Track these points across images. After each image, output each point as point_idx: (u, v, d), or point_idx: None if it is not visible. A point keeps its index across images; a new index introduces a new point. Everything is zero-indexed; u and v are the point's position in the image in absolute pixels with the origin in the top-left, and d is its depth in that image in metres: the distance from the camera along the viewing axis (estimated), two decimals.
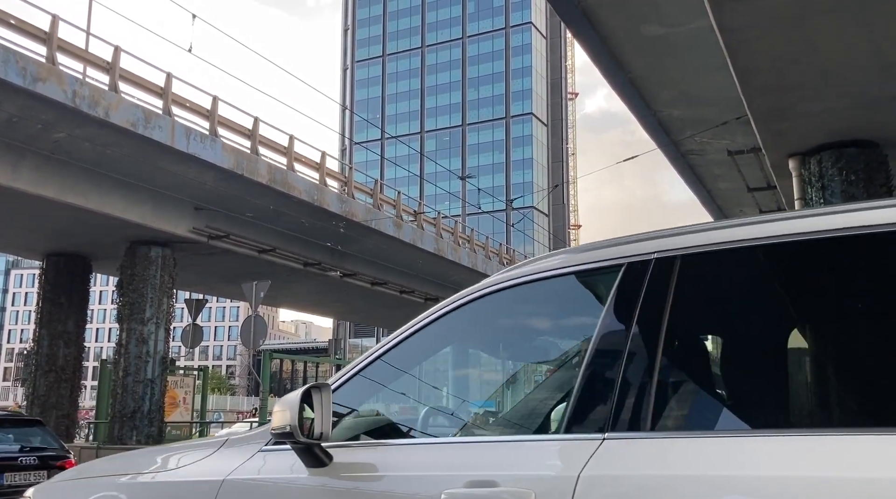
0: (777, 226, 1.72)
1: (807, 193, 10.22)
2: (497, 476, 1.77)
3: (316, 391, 2.08)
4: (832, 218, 1.67)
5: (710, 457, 1.55)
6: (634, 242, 1.93)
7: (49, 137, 15.63)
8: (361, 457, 2.15)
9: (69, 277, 21.86)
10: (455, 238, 29.67)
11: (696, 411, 1.78)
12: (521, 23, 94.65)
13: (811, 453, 1.45)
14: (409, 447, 2.20)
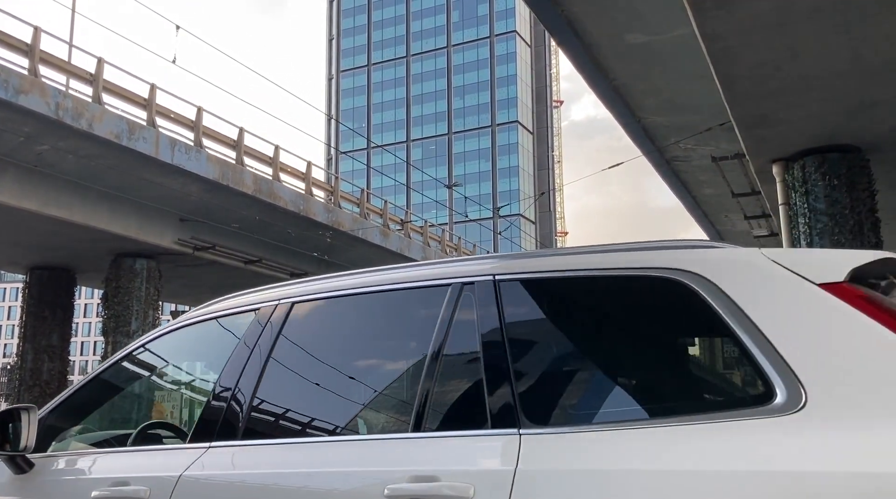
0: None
1: (791, 198, 10.30)
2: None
3: (24, 412, 2.67)
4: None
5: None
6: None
7: (32, 150, 15.51)
8: (61, 464, 2.80)
9: (53, 291, 21.66)
10: (442, 246, 29.66)
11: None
12: (506, 31, 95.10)
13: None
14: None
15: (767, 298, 1.82)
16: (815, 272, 1.81)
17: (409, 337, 2.37)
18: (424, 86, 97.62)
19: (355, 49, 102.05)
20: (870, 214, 9.84)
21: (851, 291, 1.75)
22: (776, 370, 1.71)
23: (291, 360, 2.50)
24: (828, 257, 1.91)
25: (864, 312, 1.72)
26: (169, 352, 3.06)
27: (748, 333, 1.77)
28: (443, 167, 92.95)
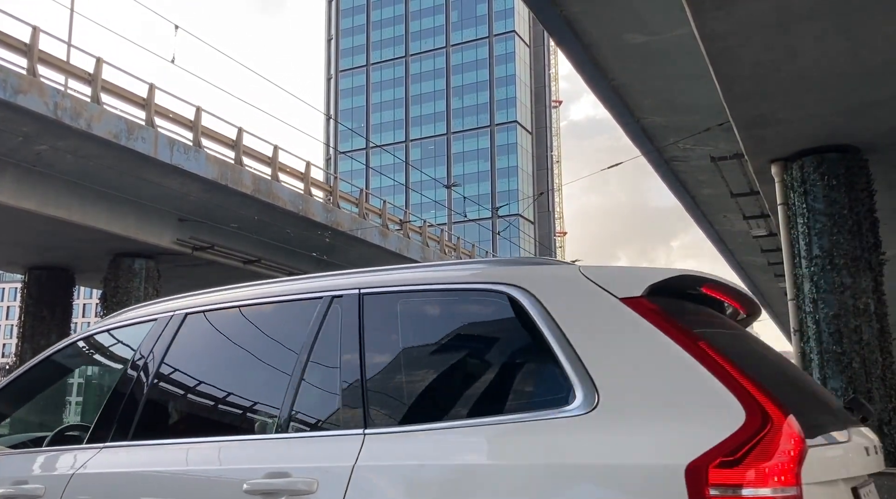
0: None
1: (789, 198, 10.31)
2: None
3: None
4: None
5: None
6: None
7: (31, 150, 15.50)
8: None
9: (52, 291, 21.65)
10: (441, 247, 29.67)
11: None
12: (505, 31, 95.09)
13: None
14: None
15: (576, 311, 2.06)
16: (618, 287, 2.05)
17: (281, 346, 2.55)
18: (423, 86, 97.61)
19: (354, 49, 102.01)
20: (868, 214, 9.85)
21: (646, 305, 1.99)
22: (577, 375, 1.93)
23: (179, 367, 2.73)
24: (631, 274, 2.13)
25: (654, 324, 1.95)
26: (81, 359, 3.35)
27: (557, 341, 2.00)
28: (442, 167, 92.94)
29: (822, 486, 1.82)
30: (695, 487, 1.68)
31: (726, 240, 19.00)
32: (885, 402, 9.35)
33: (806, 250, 9.94)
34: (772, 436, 1.71)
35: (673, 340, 1.91)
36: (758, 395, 1.78)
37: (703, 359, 1.86)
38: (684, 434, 1.76)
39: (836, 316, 9.58)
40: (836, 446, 1.99)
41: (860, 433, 2.25)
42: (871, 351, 9.45)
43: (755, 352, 2.25)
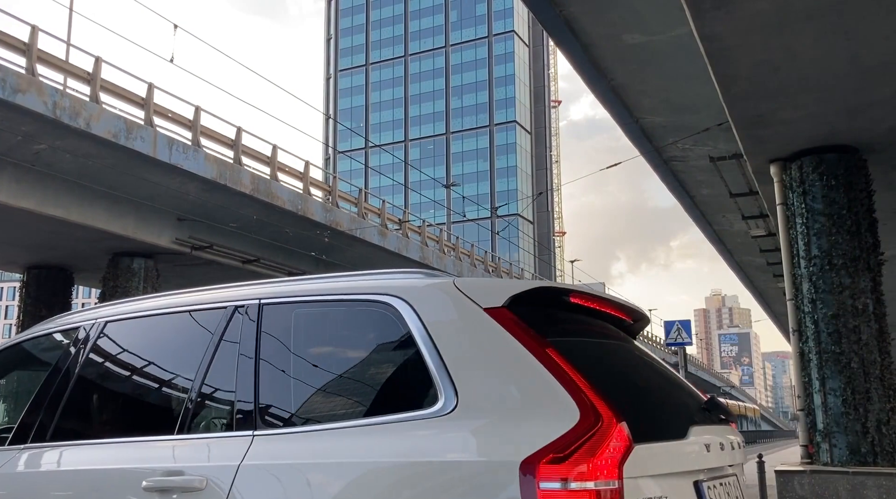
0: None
1: (788, 199, 10.31)
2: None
3: None
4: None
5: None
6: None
7: (30, 149, 15.49)
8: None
9: (51, 290, 21.64)
10: (440, 246, 29.67)
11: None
12: (504, 31, 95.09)
13: None
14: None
15: (446, 319, 2.23)
16: (483, 298, 2.23)
17: (188, 353, 2.71)
18: (422, 85, 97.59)
19: (353, 48, 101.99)
20: (867, 214, 9.86)
21: (505, 314, 2.17)
22: (441, 380, 2.11)
23: (96, 373, 2.94)
24: (497, 285, 2.31)
25: (509, 332, 2.13)
26: (10, 366, 3.48)
27: (427, 347, 2.17)
28: (441, 167, 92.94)
29: (654, 478, 2.02)
30: (527, 481, 1.87)
31: (725, 240, 19.01)
32: (883, 402, 9.36)
33: (805, 250, 9.95)
34: (600, 435, 1.90)
35: (524, 347, 2.09)
36: (592, 398, 1.96)
37: (548, 364, 2.04)
38: (525, 433, 1.95)
39: (835, 316, 9.59)
40: (677, 443, 2.19)
41: (712, 432, 2.43)
42: (870, 351, 9.46)
43: (612, 359, 2.47)
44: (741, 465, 2.78)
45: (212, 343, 2.59)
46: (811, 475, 9.25)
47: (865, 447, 9.23)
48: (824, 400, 9.55)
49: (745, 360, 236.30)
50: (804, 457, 10.01)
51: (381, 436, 2.11)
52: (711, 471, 2.35)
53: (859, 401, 9.32)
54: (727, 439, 2.52)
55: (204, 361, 2.57)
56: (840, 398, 9.41)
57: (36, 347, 3.33)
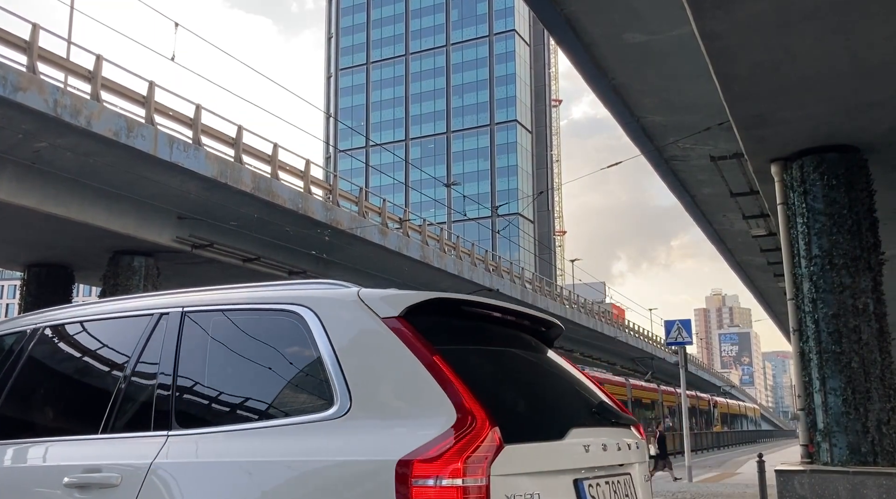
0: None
1: (789, 198, 10.31)
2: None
3: None
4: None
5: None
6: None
7: (30, 147, 15.49)
8: None
9: (51, 288, 21.64)
10: (441, 245, 29.68)
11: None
12: (505, 30, 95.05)
13: None
14: None
15: (346, 328, 2.40)
16: (382, 308, 2.39)
17: (116, 357, 2.91)
18: (423, 84, 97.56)
19: (354, 47, 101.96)
20: (868, 213, 9.86)
21: (400, 323, 2.33)
22: (338, 384, 2.27)
23: (30, 375, 3.09)
24: (397, 296, 2.44)
25: (402, 340, 2.28)
26: None
27: (328, 354, 2.34)
28: (441, 166, 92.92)
29: (526, 476, 2.19)
30: (402, 478, 2.04)
31: (726, 239, 19.01)
32: (883, 402, 9.36)
33: (805, 250, 9.94)
34: (472, 437, 2.07)
35: (413, 354, 2.25)
36: (469, 402, 2.12)
37: (433, 371, 2.20)
38: (405, 434, 2.12)
39: (836, 316, 9.59)
40: (552, 444, 2.33)
41: (596, 433, 2.58)
42: (870, 351, 9.46)
43: (503, 365, 2.65)
44: (642, 464, 2.90)
45: (138, 348, 2.77)
46: (811, 475, 9.25)
47: (866, 447, 9.23)
48: (824, 400, 9.55)
49: (745, 359, 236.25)
50: (804, 457, 10.02)
51: (281, 437, 2.28)
52: (596, 470, 2.49)
53: (860, 401, 9.32)
54: (619, 440, 2.67)
55: (130, 364, 2.76)
56: (840, 398, 9.41)
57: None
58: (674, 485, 16.60)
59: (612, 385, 31.47)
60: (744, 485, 16.45)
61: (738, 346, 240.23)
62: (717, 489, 15.55)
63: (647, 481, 2.92)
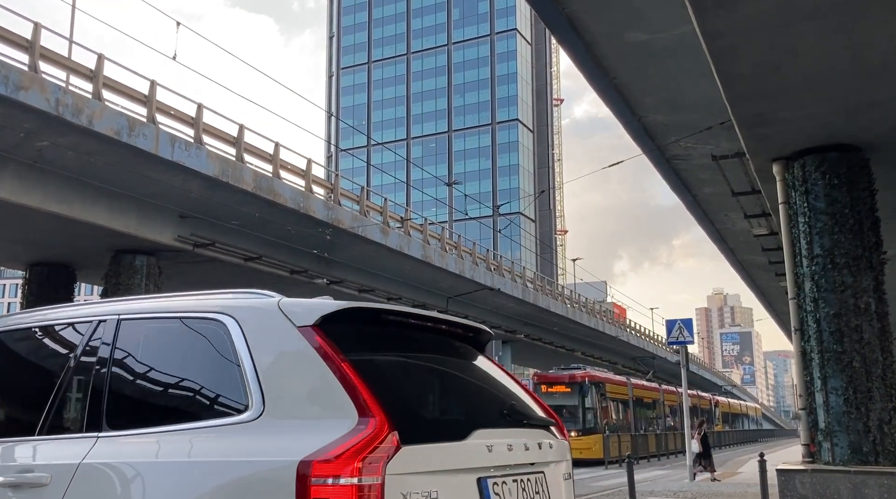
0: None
1: (791, 198, 10.31)
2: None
3: None
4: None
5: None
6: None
7: (32, 146, 15.51)
8: None
9: (53, 287, 21.65)
10: (442, 244, 29.68)
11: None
12: (506, 29, 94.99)
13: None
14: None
15: (264, 336, 2.54)
16: (298, 317, 2.52)
17: (56, 363, 3.05)
18: (425, 83, 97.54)
19: (356, 46, 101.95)
20: (869, 213, 9.85)
21: (314, 332, 2.46)
22: (254, 389, 2.42)
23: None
24: (314, 305, 2.57)
25: (314, 348, 2.42)
26: None
27: (246, 360, 2.48)
28: (443, 165, 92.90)
29: (425, 475, 2.31)
30: (302, 478, 2.17)
31: (727, 239, 18.99)
32: (885, 401, 9.35)
33: (807, 249, 9.94)
34: (369, 439, 2.21)
35: (323, 361, 2.39)
36: (371, 406, 2.27)
37: (340, 377, 2.35)
38: (310, 436, 2.25)
39: (837, 315, 9.58)
40: (453, 444, 2.46)
41: (503, 434, 2.71)
42: (872, 350, 9.45)
43: (414, 371, 2.81)
44: (561, 463, 3.04)
45: (76, 353, 2.92)
46: (812, 474, 9.24)
47: (867, 446, 9.22)
48: (826, 399, 9.54)
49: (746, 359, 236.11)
50: (806, 456, 10.01)
51: (199, 438, 2.44)
52: (501, 468, 2.61)
53: (861, 400, 9.32)
54: (530, 440, 2.80)
55: (68, 369, 2.89)
56: (842, 397, 9.40)
57: None
58: (675, 485, 16.60)
59: (613, 384, 31.45)
60: (745, 484, 16.45)
61: (740, 345, 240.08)
62: (718, 489, 15.54)
63: (566, 479, 3.08)
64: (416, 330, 2.90)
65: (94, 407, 2.71)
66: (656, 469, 24.19)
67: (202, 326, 2.70)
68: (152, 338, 2.85)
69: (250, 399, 2.41)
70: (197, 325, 2.73)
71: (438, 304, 31.43)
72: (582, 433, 27.95)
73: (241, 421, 2.39)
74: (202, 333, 2.70)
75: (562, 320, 39.78)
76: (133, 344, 2.84)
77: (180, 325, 2.79)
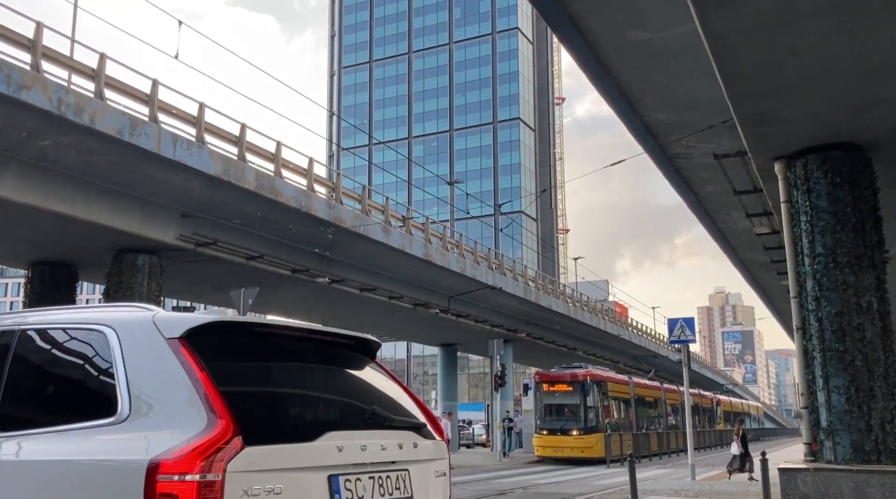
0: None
1: (792, 196, 10.30)
2: None
3: None
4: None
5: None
6: None
7: (34, 145, 15.52)
8: None
9: (55, 286, 21.66)
10: (444, 243, 29.67)
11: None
12: (508, 28, 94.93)
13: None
14: None
15: (137, 346, 2.82)
16: (168, 329, 2.82)
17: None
18: (426, 82, 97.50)
19: (357, 45, 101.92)
20: (872, 212, 9.84)
21: (180, 343, 2.75)
22: (123, 394, 2.70)
23: None
24: (183, 319, 2.86)
25: (177, 357, 2.70)
26: None
27: (120, 369, 2.76)
28: (444, 164, 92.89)
29: (269, 472, 2.57)
30: (151, 474, 2.44)
31: (729, 237, 18.98)
32: (887, 400, 9.35)
33: (809, 248, 9.93)
34: (213, 440, 2.47)
35: (184, 370, 2.66)
36: (219, 412, 2.53)
37: (196, 385, 2.61)
38: (164, 438, 2.51)
39: (839, 314, 9.57)
40: (301, 445, 2.73)
41: (357, 436, 2.96)
42: (874, 349, 9.45)
43: (275, 379, 3.08)
44: (430, 461, 3.29)
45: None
46: (814, 473, 9.24)
47: (869, 445, 9.22)
48: (828, 398, 9.54)
49: (748, 358, 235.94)
50: (808, 455, 10.01)
51: (70, 439, 2.70)
52: (359, 466, 2.90)
53: (863, 399, 9.31)
54: (390, 441, 3.08)
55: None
56: (844, 396, 9.40)
57: None
58: (676, 484, 16.60)
59: (615, 383, 31.45)
60: (746, 483, 16.45)
61: (741, 344, 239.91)
62: (720, 487, 15.54)
63: (439, 476, 3.32)
64: (292, 340, 3.18)
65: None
66: (658, 468, 24.19)
67: (88, 336, 3.01)
68: (45, 347, 3.17)
69: (120, 404, 2.69)
70: (84, 335, 3.03)
71: (440, 302, 31.43)
72: (584, 432, 27.97)
73: (109, 423, 2.67)
74: (88, 342, 3.00)
75: (563, 319, 39.76)
76: (30, 352, 3.15)
77: (69, 335, 3.12)
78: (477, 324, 35.15)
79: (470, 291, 31.21)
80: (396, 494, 3.02)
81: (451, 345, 41.68)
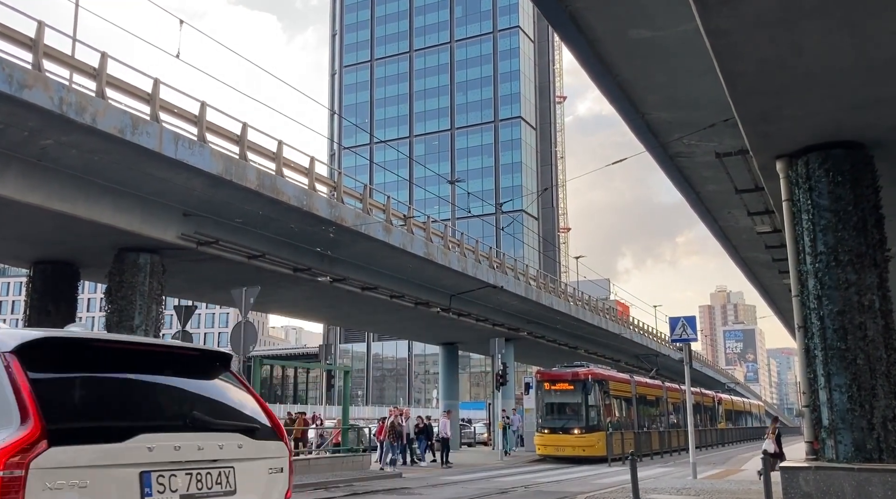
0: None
1: (794, 195, 10.29)
2: None
3: None
4: None
5: None
6: None
7: (36, 144, 15.53)
8: None
9: (57, 285, 21.69)
10: (445, 242, 29.67)
11: None
12: (509, 27, 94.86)
13: None
14: None
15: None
16: (3, 344, 3.08)
17: None
18: (427, 81, 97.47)
19: (358, 44, 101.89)
20: (873, 210, 9.83)
21: (12, 357, 3.03)
22: None
23: None
24: (15, 334, 3.17)
25: (5, 369, 2.98)
26: None
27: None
28: (445, 163, 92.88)
29: (75, 469, 2.87)
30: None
31: (731, 236, 18.97)
32: (889, 398, 9.34)
33: (811, 247, 9.92)
34: (20, 442, 2.79)
35: (9, 380, 2.96)
36: (33, 416, 2.86)
37: (17, 393, 2.92)
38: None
39: (841, 312, 9.57)
40: (110, 446, 3.03)
41: (179, 438, 3.27)
42: (876, 348, 9.44)
43: (103, 387, 3.31)
44: (258, 460, 3.59)
45: None
46: (816, 472, 9.24)
47: (871, 444, 9.22)
48: (830, 396, 9.54)
49: (749, 356, 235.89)
50: (809, 453, 10.01)
51: None
52: (175, 464, 3.20)
53: (865, 397, 9.31)
54: (209, 442, 3.37)
55: None
56: (845, 395, 9.40)
57: None
58: (678, 482, 16.60)
59: (616, 382, 31.44)
60: (748, 482, 16.44)
61: (743, 343, 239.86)
62: (721, 486, 15.54)
63: (272, 473, 3.63)
64: (126, 354, 3.48)
65: None
66: (660, 467, 24.19)
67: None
68: None
69: None
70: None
71: (441, 301, 31.43)
72: (585, 431, 27.97)
73: None
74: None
75: (565, 318, 39.75)
76: None
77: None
78: (478, 323, 35.14)
79: (471, 289, 31.21)
80: (217, 488, 3.35)
81: (452, 344, 41.69)
